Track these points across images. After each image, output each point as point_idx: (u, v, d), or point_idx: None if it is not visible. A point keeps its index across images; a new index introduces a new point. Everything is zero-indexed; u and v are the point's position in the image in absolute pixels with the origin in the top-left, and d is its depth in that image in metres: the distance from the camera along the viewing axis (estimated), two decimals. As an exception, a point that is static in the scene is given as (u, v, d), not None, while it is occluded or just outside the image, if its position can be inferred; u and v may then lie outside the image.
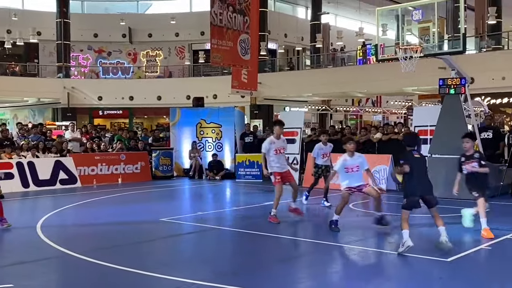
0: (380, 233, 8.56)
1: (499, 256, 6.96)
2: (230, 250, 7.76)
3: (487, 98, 22.79)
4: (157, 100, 30.20)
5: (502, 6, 24.54)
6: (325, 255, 7.17)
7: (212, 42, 16.96)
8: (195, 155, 17.88)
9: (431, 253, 6.96)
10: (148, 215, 10.42)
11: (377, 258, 7.02)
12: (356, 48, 30.38)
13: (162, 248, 7.82)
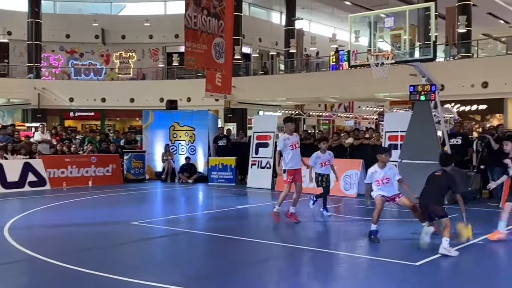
0: (350, 238, 8.65)
1: (466, 261, 7.09)
2: (202, 254, 7.74)
3: (457, 105, 23.26)
4: (130, 102, 29.95)
5: (471, 15, 25.10)
6: (296, 259, 7.21)
7: (186, 45, 16.88)
8: (168, 158, 17.78)
9: (399, 257, 7.06)
10: (118, 218, 10.30)
11: (346, 262, 7.08)
12: (329, 54, 30.67)
13: (132, 252, 7.75)
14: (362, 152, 14.51)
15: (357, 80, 22.87)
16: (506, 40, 26.26)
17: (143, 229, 9.17)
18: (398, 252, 7.58)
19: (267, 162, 15.83)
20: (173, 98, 20.74)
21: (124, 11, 36.78)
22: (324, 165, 10.42)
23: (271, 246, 7.96)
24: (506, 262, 7.11)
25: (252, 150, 16.25)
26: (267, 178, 15.64)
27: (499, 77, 20.85)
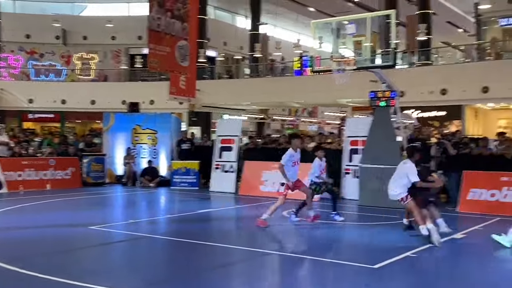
0: (311, 241, 8.71)
1: (424, 264, 7.23)
2: (162, 259, 7.65)
3: (416, 111, 23.75)
4: (91, 104, 29.40)
5: (431, 23, 25.71)
6: (257, 263, 7.20)
7: (149, 47, 16.69)
8: (129, 161, 17.53)
9: (358, 260, 7.14)
10: (76, 222, 10.08)
11: (307, 265, 7.11)
12: (294, 59, 30.89)
13: (91, 257, 7.59)
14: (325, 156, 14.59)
15: (320, 85, 23.09)
16: (464, 49, 27.00)
17: (102, 234, 9.00)
18: (358, 255, 7.67)
19: (230, 166, 15.81)
20: (136, 101, 20.46)
21: (86, 11, 36.14)
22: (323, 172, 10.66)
23: (233, 250, 7.94)
24: (464, 264, 7.27)
25: (216, 154, 16.19)
26: (231, 182, 15.61)
27: (457, 85, 21.39)
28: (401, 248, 7.77)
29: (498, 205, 11.20)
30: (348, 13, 30.82)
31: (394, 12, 12.69)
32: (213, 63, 34.04)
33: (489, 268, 6.95)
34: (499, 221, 10.46)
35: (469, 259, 7.69)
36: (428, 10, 25.56)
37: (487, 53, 23.80)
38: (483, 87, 20.72)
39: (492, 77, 20.60)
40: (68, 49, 34.46)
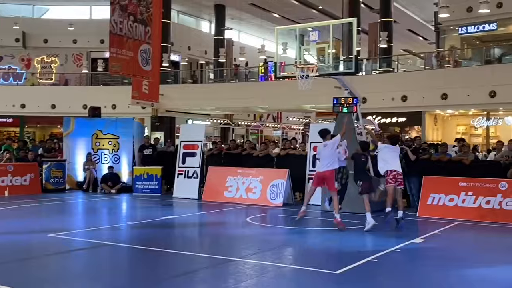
0: (274, 247, 8.71)
1: (385, 268, 7.32)
2: (123, 267, 7.51)
3: (378, 117, 24.15)
4: (51, 108, 28.81)
5: (392, 31, 26.23)
6: (219, 270, 7.15)
7: (111, 51, 16.45)
8: (90, 167, 17.20)
9: (320, 265, 7.19)
10: (35, 230, 9.83)
11: (269, 272, 7.10)
12: (258, 64, 31.01)
13: (49, 265, 7.39)
14: (288, 162, 14.70)
15: (285, 91, 23.24)
16: (424, 56, 27.64)
17: (61, 241, 8.78)
18: (321, 260, 7.71)
19: (194, 171, 15.69)
20: (97, 105, 20.14)
21: (47, 14, 35.42)
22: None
23: (195, 258, 7.86)
24: (424, 268, 7.39)
25: (179, 160, 16.05)
26: (194, 188, 15.49)
27: (417, 91, 21.88)
28: (362, 253, 7.86)
29: (456, 210, 11.46)
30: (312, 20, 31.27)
31: (356, 20, 12.86)
32: (177, 68, 33.84)
33: (448, 272, 7.08)
34: (457, 226, 10.71)
35: (428, 263, 7.82)
36: (389, 18, 26.09)
37: (446, 60, 24.41)
38: (442, 94, 21.26)
39: (451, 84, 21.17)
40: (28, 52, 33.70)
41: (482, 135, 25.07)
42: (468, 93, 20.66)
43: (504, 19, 24.36)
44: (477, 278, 6.77)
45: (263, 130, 38.50)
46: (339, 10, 28.09)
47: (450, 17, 23.81)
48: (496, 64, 22.27)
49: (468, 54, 26.48)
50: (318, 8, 34.00)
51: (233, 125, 33.59)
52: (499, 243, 9.40)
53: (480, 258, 8.12)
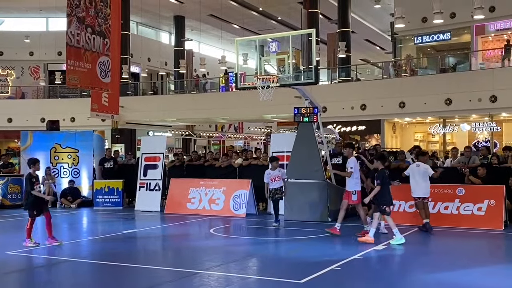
0: (238, 258, 8.70)
1: (348, 276, 7.40)
2: (85, 283, 7.35)
3: (338, 126, 24.49)
4: (8, 122, 28.04)
5: (351, 41, 26.70)
6: (183, 283, 7.09)
7: (68, 64, 16.17)
8: (49, 181, 16.78)
9: (284, 275, 7.22)
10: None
11: (234, 283, 7.08)
12: (219, 75, 31.03)
13: (8, 284, 7.17)
14: (251, 172, 14.74)
15: (246, 101, 23.33)
16: (382, 65, 28.24)
17: (20, 259, 8.55)
18: (285, 270, 7.74)
19: (156, 184, 15.53)
20: (56, 118, 19.74)
21: (3, 26, 34.55)
22: (274, 180, 11.91)
23: (158, 272, 7.77)
24: (386, 274, 7.52)
25: (141, 172, 15.87)
26: (156, 201, 15.34)
27: (376, 100, 22.31)
28: (325, 261, 7.93)
29: (416, 216, 11.69)
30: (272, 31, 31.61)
31: (314, 31, 13.06)
32: (137, 79, 33.53)
33: (410, 278, 7.22)
34: (417, 232, 10.93)
35: (390, 269, 7.96)
36: (347, 29, 26.55)
37: (403, 69, 25.00)
38: (400, 102, 21.75)
39: (408, 92, 21.68)
40: (-17, 65, 32.79)
41: (439, 142, 25.73)
42: (424, 101, 21.20)
43: (457, 28, 25.18)
44: (437, 282, 6.93)
45: (225, 141, 38.48)
46: (298, 21, 28.44)
47: (406, 27, 24.42)
48: (450, 72, 22.94)
49: (424, 63, 27.21)
50: (277, 19, 34.36)
51: (194, 136, 33.45)
52: (457, 248, 9.65)
53: (440, 263, 8.31)
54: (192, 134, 33.02)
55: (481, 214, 11.38)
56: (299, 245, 9.80)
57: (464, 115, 23.09)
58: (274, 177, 11.91)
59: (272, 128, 34.17)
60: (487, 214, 11.32)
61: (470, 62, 23.35)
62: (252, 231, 12.06)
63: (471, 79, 20.87)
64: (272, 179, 11.91)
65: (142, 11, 32.41)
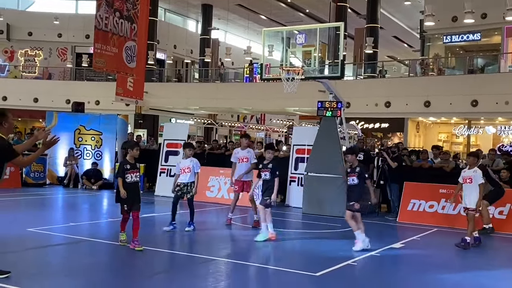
0: (253, 247, 8.72)
1: (364, 272, 7.39)
2: (102, 263, 7.44)
3: (361, 122, 24.31)
4: (34, 102, 28.48)
5: (378, 37, 26.43)
6: (199, 268, 7.14)
7: (95, 47, 16.35)
8: (72, 162, 17.04)
9: (300, 267, 7.22)
10: (14, 224, 9.70)
11: (251, 272, 7.11)
12: (244, 65, 31.01)
13: (27, 260, 7.30)
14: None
15: (269, 93, 23.29)
16: (409, 63, 27.90)
17: (40, 236, 8.69)
18: (301, 262, 7.74)
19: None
20: (81, 100, 19.97)
21: (33, 7, 35.05)
22: (184, 172, 9.65)
23: (175, 256, 7.85)
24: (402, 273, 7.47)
25: (162, 158, 15.99)
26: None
27: (401, 98, 22.07)
28: (342, 256, 7.91)
29: (436, 216, 11.59)
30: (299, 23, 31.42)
31: (343, 25, 12.95)
32: (162, 66, 33.70)
33: (426, 277, 7.16)
34: (436, 232, 10.83)
35: (406, 267, 7.91)
36: (376, 24, 26.27)
37: (430, 68, 24.67)
38: (425, 101, 21.48)
39: (434, 92, 21.40)
40: (12, 45, 33.28)
41: (463, 143, 25.38)
42: (450, 101, 20.91)
43: (488, 29, 24.70)
44: (453, 283, 6.86)
45: (246, 131, 38.48)
46: (326, 14, 28.25)
47: (435, 25, 24.07)
48: (478, 73, 22.56)
49: (451, 63, 26.81)
50: (305, 11, 34.14)
51: (216, 125, 33.52)
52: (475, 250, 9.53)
53: (457, 264, 8.24)
54: (214, 123, 33.10)
55: (503, 218, 11.22)
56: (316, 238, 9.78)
57: (490, 118, 22.73)
58: (185, 168, 9.67)
59: (294, 121, 34.09)
60: (508, 218, 11.16)
61: (499, 64, 22.94)
62: (269, 222, 12.06)
63: (499, 81, 20.51)
64: (183, 170, 9.68)
65: (171, -2, 32.55)
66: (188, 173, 9.57)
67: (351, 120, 22.22)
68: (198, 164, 9.81)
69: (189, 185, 9.61)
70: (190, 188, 9.61)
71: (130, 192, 7.94)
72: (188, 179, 9.60)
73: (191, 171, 9.58)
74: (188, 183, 9.60)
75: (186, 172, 9.58)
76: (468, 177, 9.17)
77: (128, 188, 7.93)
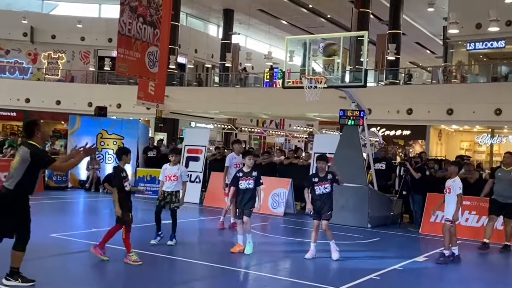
0: (275, 259, 8.67)
1: (387, 286, 7.28)
2: (124, 271, 7.47)
3: (382, 129, 24.11)
4: (56, 104, 28.86)
5: (401, 43, 26.22)
6: (219, 280, 7.12)
7: (118, 52, 16.48)
8: (94, 166, 17.18)
9: (321, 281, 7.15)
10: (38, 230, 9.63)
11: (270, 285, 7.06)
12: (264, 70, 31.03)
13: (51, 268, 7.36)
14: (291, 171, 14.68)
15: (289, 98, 23.22)
16: (431, 70, 27.61)
17: (63, 242, 8.76)
18: (323, 275, 7.67)
19: (197, 176, 15.66)
20: (103, 103, 20.22)
21: (56, 10, 35.55)
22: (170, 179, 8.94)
23: (194, 265, 7.83)
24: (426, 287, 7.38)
25: (182, 164, 16.02)
26: (196, 193, 15.45)
27: (423, 105, 21.85)
28: (364, 269, 7.81)
29: (459, 229, 11.35)
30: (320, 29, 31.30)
31: (367, 34, 12.81)
32: (183, 70, 33.89)
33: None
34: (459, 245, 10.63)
35: (430, 282, 7.79)
36: (398, 31, 26.07)
37: (453, 75, 24.39)
38: (448, 109, 21.24)
39: (457, 99, 21.15)
40: (35, 47, 33.77)
41: (485, 152, 25.03)
42: (473, 109, 20.64)
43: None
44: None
45: (265, 136, 38.48)
46: (348, 20, 28.08)
47: (459, 32, 23.79)
48: (502, 82, 22.23)
49: (475, 70, 26.47)
50: (326, 17, 34.03)
51: (236, 131, 33.56)
52: (500, 263, 9.37)
53: (482, 278, 8.09)
54: (234, 128, 33.13)
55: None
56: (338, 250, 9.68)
57: (513, 127, 22.41)
58: (171, 176, 8.92)
59: (314, 127, 33.99)
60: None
61: (524, 72, 22.59)
62: (290, 231, 12.02)
63: (524, 90, 20.20)
64: (168, 177, 8.94)
65: (193, 3, 32.70)
66: (175, 181, 8.85)
67: (372, 127, 22.04)
68: (186, 172, 9.29)
69: (174, 194, 8.88)
70: (175, 197, 8.89)
71: (129, 201, 7.76)
72: (173, 187, 8.86)
73: (178, 179, 8.87)
74: (173, 192, 8.88)
75: (172, 180, 8.84)
76: (448, 187, 8.92)
77: (127, 197, 7.73)
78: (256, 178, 8.52)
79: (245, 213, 8.57)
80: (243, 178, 8.52)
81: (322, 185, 8.44)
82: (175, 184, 8.82)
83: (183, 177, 8.93)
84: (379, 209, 12.65)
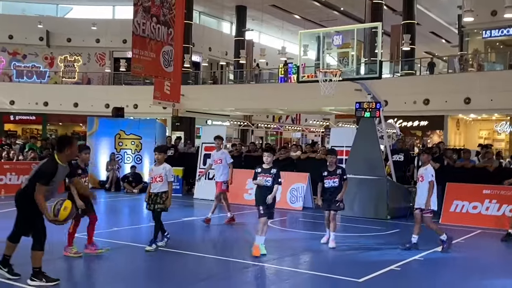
0: (295, 253, 8.70)
1: (408, 278, 7.27)
2: (146, 269, 7.57)
3: (399, 121, 23.96)
4: (74, 107, 29.20)
5: (415, 33, 25.99)
6: (240, 274, 7.17)
7: (133, 52, 16.64)
8: (113, 167, 17.37)
9: (342, 273, 7.16)
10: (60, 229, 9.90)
11: (291, 278, 7.10)
12: (278, 66, 31.01)
13: (73, 267, 7.49)
14: (308, 165, 14.67)
15: (304, 93, 23.16)
16: (447, 59, 27.33)
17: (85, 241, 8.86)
18: (343, 268, 7.68)
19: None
20: (119, 104, 20.40)
21: (71, 13, 35.92)
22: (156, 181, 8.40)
23: (216, 261, 7.89)
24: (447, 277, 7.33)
25: (200, 161, 16.13)
26: (214, 190, 15.49)
27: (440, 95, 21.66)
28: (384, 261, 7.81)
29: (480, 218, 11.32)
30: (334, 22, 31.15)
31: (381, 25, 12.74)
32: (197, 68, 34.01)
33: (471, 282, 7.01)
34: (480, 234, 10.58)
35: (451, 272, 7.75)
36: (412, 21, 25.86)
37: (470, 64, 24.11)
38: (465, 98, 21.02)
39: (474, 88, 20.93)
40: (52, 51, 34.17)
41: (505, 140, 24.73)
42: (491, 97, 20.41)
43: (529, 22, 24.01)
44: (501, 289, 6.70)
45: (282, 132, 38.47)
46: (362, 12, 27.93)
47: (474, 20, 23.49)
48: (520, 68, 21.93)
49: (491, 58, 26.13)
50: (340, 9, 33.86)
51: (252, 127, 33.62)
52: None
53: (503, 268, 8.02)
54: (250, 125, 33.18)
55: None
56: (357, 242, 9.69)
57: (533, 114, 22.10)
58: (156, 177, 8.37)
59: (330, 120, 33.87)
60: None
61: (542, 58, 22.25)
62: (309, 225, 12.04)
63: (542, 76, 19.91)
64: (154, 178, 8.42)
65: (205, 1, 32.79)
66: (160, 182, 8.28)
67: (389, 119, 21.90)
68: (171, 171, 8.47)
69: (159, 195, 8.30)
70: (160, 199, 8.30)
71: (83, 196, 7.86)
72: (158, 188, 8.30)
73: (163, 180, 8.30)
74: (159, 193, 8.30)
75: (158, 181, 8.29)
76: (420, 175, 8.81)
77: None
78: (275, 175, 8.16)
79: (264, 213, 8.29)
80: (261, 174, 8.25)
81: (331, 178, 8.79)
82: (160, 185, 8.30)
83: (168, 177, 8.33)
84: (398, 200, 12.60)
